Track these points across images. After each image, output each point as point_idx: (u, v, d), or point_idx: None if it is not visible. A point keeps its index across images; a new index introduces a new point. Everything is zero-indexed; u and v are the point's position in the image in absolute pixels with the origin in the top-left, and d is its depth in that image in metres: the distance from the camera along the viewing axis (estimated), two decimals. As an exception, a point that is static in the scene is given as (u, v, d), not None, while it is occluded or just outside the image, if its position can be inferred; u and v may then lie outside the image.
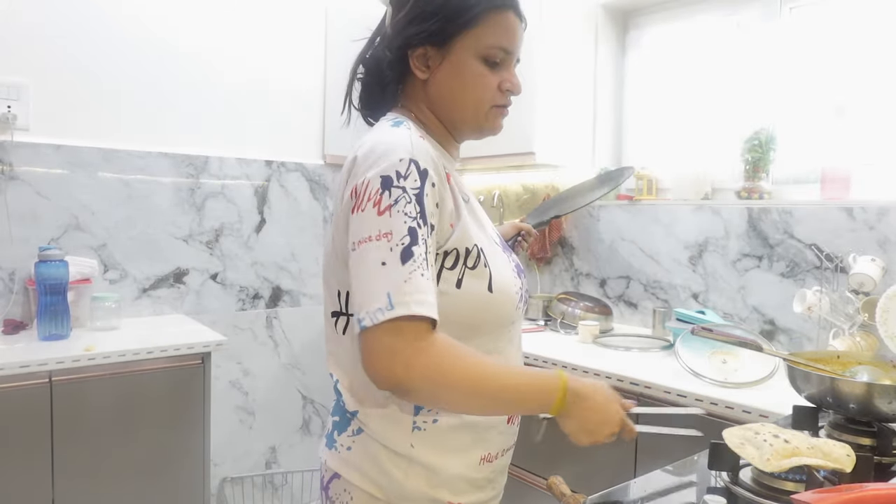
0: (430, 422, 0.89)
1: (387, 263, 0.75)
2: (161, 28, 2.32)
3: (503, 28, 0.90)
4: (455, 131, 0.96)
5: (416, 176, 0.80)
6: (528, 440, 1.02)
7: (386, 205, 0.77)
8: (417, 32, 0.89)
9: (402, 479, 0.88)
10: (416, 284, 0.75)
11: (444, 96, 0.92)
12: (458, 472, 0.90)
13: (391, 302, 0.74)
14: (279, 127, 2.63)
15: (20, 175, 2.07)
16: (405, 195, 0.78)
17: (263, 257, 2.62)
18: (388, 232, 0.76)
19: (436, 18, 0.88)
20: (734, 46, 2.18)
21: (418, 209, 0.78)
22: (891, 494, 0.68)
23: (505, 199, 2.79)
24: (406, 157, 0.80)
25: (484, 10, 0.88)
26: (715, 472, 0.92)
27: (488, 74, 0.91)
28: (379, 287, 0.75)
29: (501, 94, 0.93)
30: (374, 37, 0.97)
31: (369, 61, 0.95)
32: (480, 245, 0.88)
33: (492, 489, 0.97)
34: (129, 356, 1.83)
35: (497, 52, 0.90)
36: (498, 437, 0.95)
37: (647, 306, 2.26)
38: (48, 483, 1.73)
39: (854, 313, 1.67)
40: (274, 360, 2.68)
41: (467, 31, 0.88)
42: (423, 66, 0.91)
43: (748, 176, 2.02)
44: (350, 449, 0.91)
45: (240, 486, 2.59)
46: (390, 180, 0.79)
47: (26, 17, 2.07)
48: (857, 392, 1.01)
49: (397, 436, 0.88)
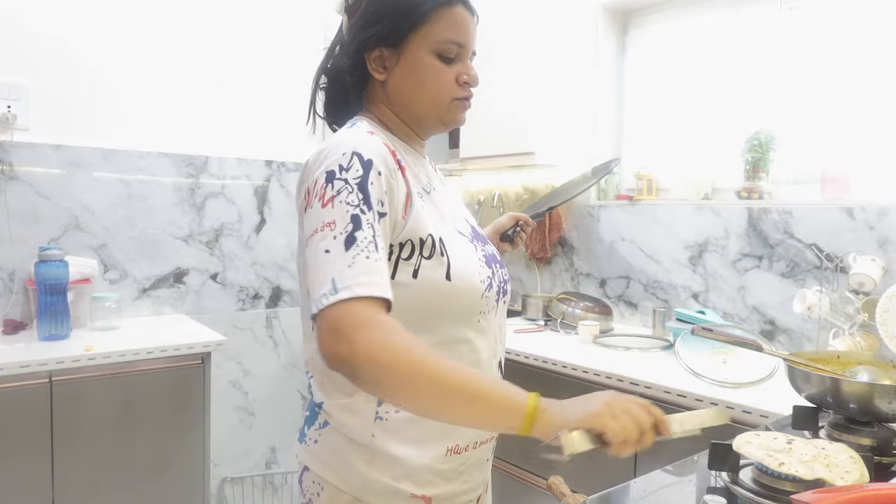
0: (392, 412, 0.89)
1: (330, 251, 0.77)
2: (161, 28, 2.32)
3: (453, 22, 0.92)
4: (418, 127, 0.99)
5: (359, 166, 0.82)
6: (520, 436, 1.00)
7: (329, 196, 0.80)
8: (370, 35, 0.92)
9: (365, 471, 0.89)
10: (360, 268, 0.76)
11: (402, 95, 0.95)
12: (423, 463, 0.90)
13: (335, 287, 0.74)
14: (279, 127, 2.63)
15: (20, 175, 2.07)
16: (347, 185, 0.80)
17: (263, 257, 2.62)
18: (330, 222, 0.78)
19: (386, 20, 0.91)
20: (734, 46, 2.18)
21: (361, 196, 0.80)
22: (891, 494, 0.68)
23: (505, 199, 2.79)
24: (349, 151, 0.83)
25: (432, 7, 0.91)
26: (715, 472, 0.92)
27: (444, 69, 0.93)
28: (324, 275, 0.76)
29: (460, 87, 0.95)
30: (333, 46, 1.00)
31: (331, 70, 0.99)
32: (438, 235, 0.89)
33: (464, 482, 0.96)
34: (129, 356, 1.83)
35: (450, 47, 0.92)
36: (465, 430, 0.93)
37: (647, 306, 2.26)
38: (48, 483, 1.73)
39: (854, 313, 1.67)
40: (274, 360, 2.68)
41: (418, 30, 0.91)
42: (381, 68, 0.94)
43: (748, 176, 2.02)
44: (317, 442, 0.93)
45: (240, 486, 2.59)
46: (333, 174, 0.81)
47: (26, 17, 2.07)
48: (857, 392, 1.01)
49: (360, 426, 0.89)
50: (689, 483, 0.97)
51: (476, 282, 0.92)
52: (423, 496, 0.91)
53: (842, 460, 0.84)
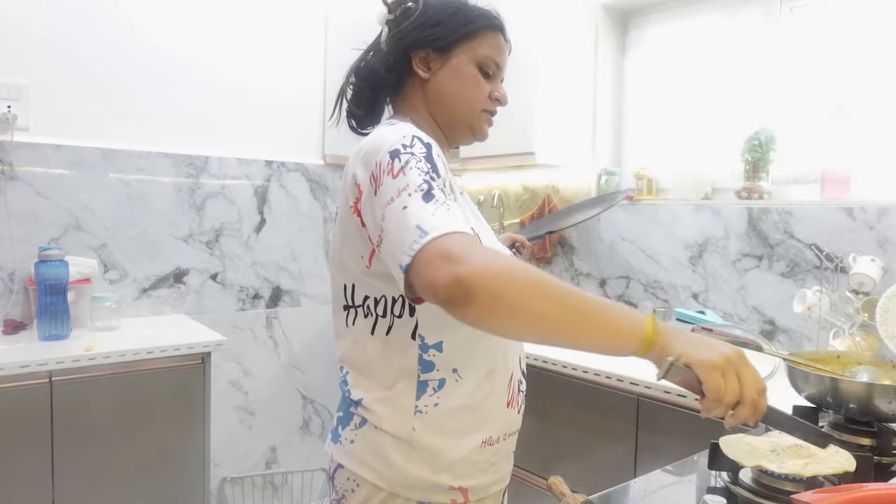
0: (431, 405, 0.92)
1: (408, 206, 0.76)
2: (161, 28, 2.32)
3: (496, 45, 1.03)
4: (450, 132, 1.05)
5: (421, 145, 0.85)
6: (520, 436, 1.02)
7: (398, 168, 0.81)
8: (424, 37, 0.99)
9: (403, 466, 0.91)
10: (443, 215, 0.74)
11: (442, 95, 1.01)
12: (460, 456, 0.92)
13: (423, 230, 0.72)
14: (279, 127, 2.63)
15: (20, 175, 2.07)
16: (414, 157, 0.82)
17: (263, 257, 2.62)
18: (405, 186, 0.78)
19: (441, 26, 0.99)
20: (734, 46, 2.18)
21: (429, 165, 0.81)
22: (891, 494, 0.68)
23: (505, 199, 2.79)
24: (408, 134, 0.87)
25: (482, 27, 1.01)
26: (715, 472, 0.92)
27: (483, 81, 1.02)
28: (405, 229, 0.74)
29: (491, 102, 1.04)
30: (368, 50, 1.06)
31: (362, 70, 1.04)
32: (477, 230, 0.90)
33: (495, 472, 0.98)
34: (130, 356, 1.83)
35: (491, 64, 1.02)
36: (498, 422, 0.96)
37: (647, 306, 2.26)
38: (48, 483, 1.73)
39: (854, 313, 1.67)
40: (274, 360, 2.68)
41: (467, 42, 1.00)
42: (425, 67, 1.01)
43: (748, 176, 2.02)
44: (353, 442, 0.95)
45: (240, 486, 2.59)
46: (398, 151, 0.83)
47: (26, 17, 2.07)
48: (857, 392, 1.01)
49: (399, 420, 0.91)
50: (689, 483, 0.97)
51: None
52: (461, 487, 0.93)
53: (822, 454, 0.84)
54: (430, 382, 0.92)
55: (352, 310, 0.95)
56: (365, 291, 0.93)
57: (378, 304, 0.92)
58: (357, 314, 0.95)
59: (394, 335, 0.92)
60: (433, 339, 0.91)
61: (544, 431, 1.90)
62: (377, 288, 0.92)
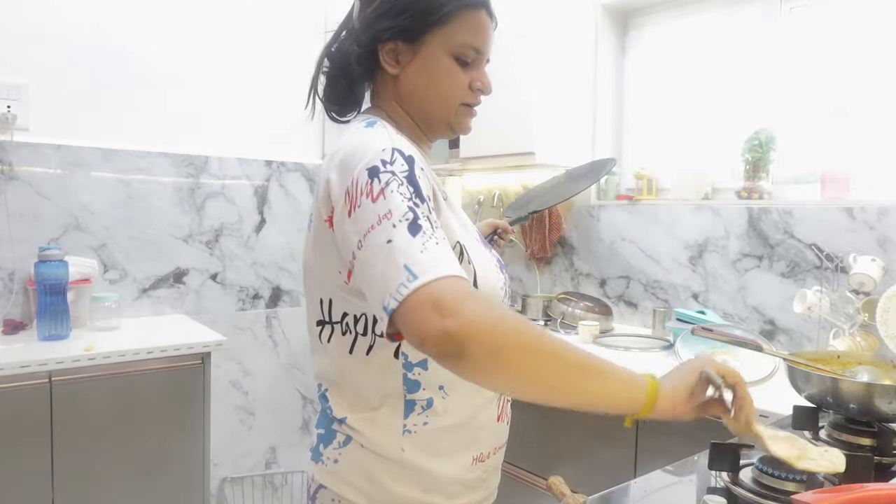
0: (420, 424, 0.87)
1: (393, 240, 0.70)
2: (161, 28, 2.32)
3: (475, 27, 0.90)
4: (426, 128, 0.95)
5: (402, 161, 0.77)
6: (519, 437, 1.01)
7: (378, 190, 0.74)
8: (388, 27, 0.88)
9: (392, 487, 0.86)
10: (433, 253, 0.69)
11: (414, 92, 0.91)
12: (452, 475, 0.89)
13: (412, 273, 0.67)
14: (279, 127, 2.63)
15: (20, 175, 2.07)
16: (395, 178, 0.75)
17: (263, 257, 2.62)
18: (386, 213, 0.72)
19: (407, 14, 0.87)
20: (734, 46, 2.17)
21: (412, 189, 0.75)
22: (891, 494, 0.68)
23: (505, 199, 2.79)
24: (388, 147, 0.79)
25: (457, 8, 0.88)
26: (715, 472, 0.92)
27: (459, 72, 0.90)
28: (393, 266, 0.68)
29: (471, 94, 0.93)
30: (340, 30, 0.95)
31: (335, 54, 0.94)
32: (463, 242, 0.87)
33: (485, 489, 0.96)
34: (129, 356, 1.83)
35: (468, 52, 0.90)
36: (489, 437, 0.94)
37: (647, 306, 2.26)
38: (48, 483, 1.73)
39: (854, 313, 1.67)
40: (274, 360, 2.68)
41: (439, 29, 0.88)
42: (394, 62, 0.90)
43: (748, 176, 2.02)
44: (337, 462, 0.90)
45: (240, 486, 2.59)
46: (377, 169, 0.76)
47: (26, 17, 2.07)
48: (858, 392, 1.01)
49: (388, 440, 0.87)
50: (689, 483, 0.97)
51: (497, 288, 0.91)
52: None
53: (815, 453, 0.84)
54: (417, 402, 0.87)
55: (327, 326, 0.89)
56: (344, 308, 0.86)
57: (358, 322, 0.86)
58: (334, 331, 0.88)
59: (375, 354, 0.86)
60: (417, 357, 0.86)
61: (544, 431, 1.90)
62: (357, 305, 0.85)
